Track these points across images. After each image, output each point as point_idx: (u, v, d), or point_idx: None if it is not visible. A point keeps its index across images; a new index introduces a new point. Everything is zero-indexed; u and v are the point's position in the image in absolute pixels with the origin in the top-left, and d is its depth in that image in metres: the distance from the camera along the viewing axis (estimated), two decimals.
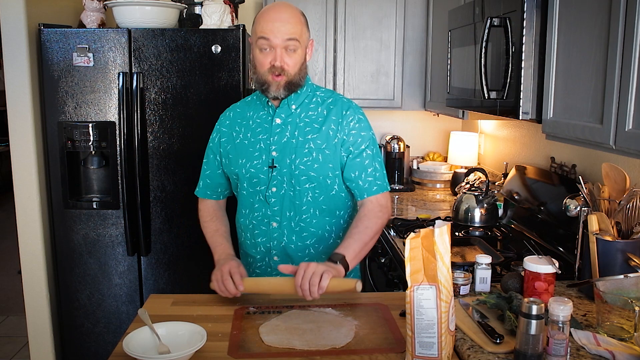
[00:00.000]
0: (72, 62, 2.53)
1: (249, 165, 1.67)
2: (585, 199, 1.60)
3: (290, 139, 1.65)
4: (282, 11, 1.57)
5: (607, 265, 1.46)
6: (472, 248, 2.04)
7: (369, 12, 3.06)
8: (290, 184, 1.64)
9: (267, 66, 1.57)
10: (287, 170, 1.64)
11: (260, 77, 1.60)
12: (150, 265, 2.69)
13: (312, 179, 1.64)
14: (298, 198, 1.65)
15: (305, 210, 1.67)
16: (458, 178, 2.99)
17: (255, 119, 1.70)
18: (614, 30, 1.27)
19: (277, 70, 1.56)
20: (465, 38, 2.14)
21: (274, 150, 1.65)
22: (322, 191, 1.67)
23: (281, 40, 1.54)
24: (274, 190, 1.65)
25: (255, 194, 1.68)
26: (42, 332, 2.74)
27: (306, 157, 1.63)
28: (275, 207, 1.66)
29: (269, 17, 1.56)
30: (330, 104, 1.68)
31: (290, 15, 1.57)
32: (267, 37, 1.55)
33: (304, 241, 1.69)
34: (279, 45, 1.55)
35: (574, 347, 1.24)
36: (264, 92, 1.62)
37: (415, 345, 1.16)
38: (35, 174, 2.62)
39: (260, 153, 1.66)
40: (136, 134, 2.55)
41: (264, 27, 1.55)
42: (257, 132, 1.68)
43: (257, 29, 1.58)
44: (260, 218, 1.69)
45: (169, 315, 1.45)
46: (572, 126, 1.47)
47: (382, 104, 3.15)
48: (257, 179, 1.66)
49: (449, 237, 1.16)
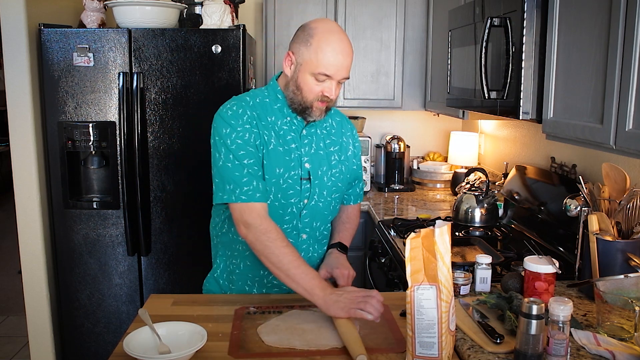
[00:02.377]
0: (72, 62, 2.53)
1: (287, 176, 1.57)
2: (586, 199, 1.60)
3: (318, 151, 1.63)
4: (347, 45, 1.51)
5: (607, 265, 1.46)
6: (473, 248, 2.04)
7: (369, 12, 3.06)
8: (322, 195, 1.62)
9: (318, 95, 1.52)
10: (319, 182, 1.61)
11: (306, 102, 1.54)
12: (150, 265, 2.69)
13: (338, 189, 1.67)
14: (326, 208, 1.65)
15: (328, 220, 1.70)
16: (458, 178, 2.99)
17: (282, 126, 1.59)
18: (614, 31, 1.27)
19: (326, 99, 1.54)
20: (466, 38, 2.14)
21: (307, 162, 1.60)
22: (339, 200, 1.72)
23: (341, 77, 1.52)
24: (306, 202, 1.61)
25: (288, 206, 1.59)
26: (42, 332, 2.74)
27: (334, 169, 1.65)
28: (307, 219, 1.62)
29: (335, 50, 1.48)
30: (335, 115, 1.74)
31: (350, 49, 1.53)
32: (330, 75, 1.49)
33: (322, 248, 1.71)
34: (338, 79, 1.52)
35: (574, 347, 1.24)
36: (302, 114, 1.56)
37: (416, 345, 1.16)
38: (35, 174, 2.62)
39: (295, 164, 1.59)
40: (136, 134, 2.55)
41: (330, 60, 1.47)
42: (287, 141, 1.59)
43: (321, 59, 1.47)
44: (289, 230, 1.61)
45: (169, 315, 1.45)
46: (572, 126, 1.47)
47: (382, 104, 3.15)
48: (293, 190, 1.59)
49: (449, 237, 1.16)
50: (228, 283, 1.69)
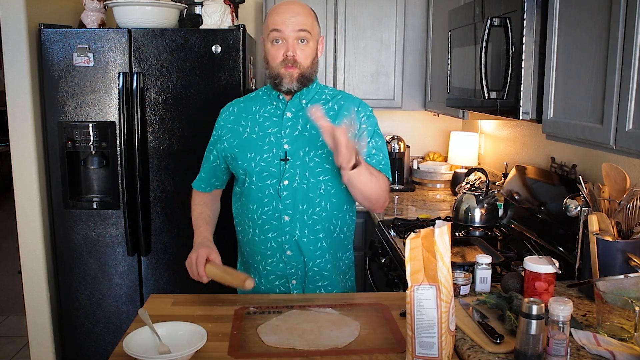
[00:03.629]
0: (72, 62, 2.53)
1: (259, 159, 1.65)
2: (586, 199, 1.60)
3: (303, 132, 1.65)
4: (293, 4, 1.63)
5: (607, 265, 1.46)
6: (472, 248, 2.04)
7: (369, 12, 3.06)
8: (304, 176, 1.63)
9: (280, 58, 1.60)
10: (300, 162, 1.63)
11: (273, 70, 1.62)
12: (150, 265, 2.69)
13: (326, 171, 1.64)
14: (312, 190, 1.65)
15: (318, 203, 1.66)
16: (458, 178, 2.99)
17: (263, 113, 1.69)
18: (614, 31, 1.27)
19: (289, 61, 1.59)
20: (466, 38, 2.14)
21: (286, 143, 1.64)
22: (334, 184, 1.67)
23: (292, 30, 1.58)
24: (286, 184, 1.63)
25: (265, 188, 1.65)
26: (42, 332, 2.74)
27: (320, 150, 1.63)
28: (288, 201, 1.64)
29: (280, 10, 1.61)
30: (341, 99, 1.72)
31: (301, 8, 1.63)
32: (279, 29, 1.58)
33: (316, 234, 1.68)
34: (291, 36, 1.58)
35: (574, 347, 1.24)
36: (277, 86, 1.64)
37: (416, 345, 1.16)
38: (35, 174, 2.62)
39: (270, 146, 1.65)
40: (136, 134, 2.55)
41: (275, 19, 1.59)
42: (265, 126, 1.67)
43: (269, 22, 1.61)
44: (270, 213, 1.66)
45: (169, 315, 1.45)
46: (572, 126, 1.47)
47: (382, 104, 3.15)
48: (268, 172, 1.64)
49: (449, 237, 1.16)
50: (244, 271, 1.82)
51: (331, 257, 1.71)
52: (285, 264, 1.69)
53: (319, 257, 1.68)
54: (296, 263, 1.68)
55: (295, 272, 1.69)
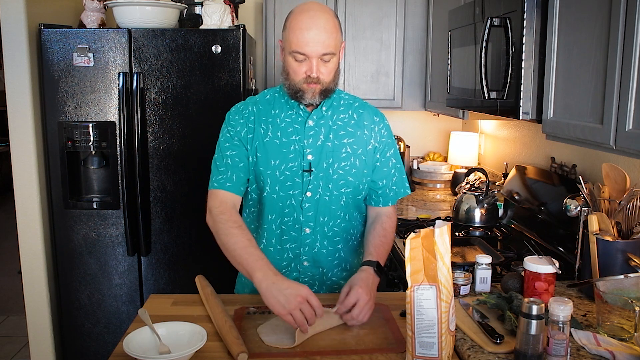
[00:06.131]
0: (72, 62, 2.53)
1: (284, 168, 1.57)
2: (586, 199, 1.60)
3: (326, 142, 1.58)
4: (317, 18, 1.46)
5: (607, 265, 1.46)
6: (472, 248, 2.04)
7: (369, 12, 3.06)
8: (327, 188, 1.58)
9: (302, 76, 1.50)
10: (324, 174, 1.57)
11: (294, 85, 1.52)
12: (150, 265, 2.69)
13: (349, 183, 1.60)
14: (334, 203, 1.60)
15: (338, 215, 1.63)
16: (458, 178, 2.99)
17: (284, 119, 1.60)
18: (614, 31, 1.27)
19: (312, 80, 1.50)
20: (466, 38, 2.14)
21: (309, 153, 1.57)
22: (354, 196, 1.63)
23: (317, 54, 1.47)
24: (308, 195, 1.58)
25: (287, 198, 1.58)
26: (42, 332, 2.74)
27: (344, 162, 1.59)
28: (310, 213, 1.59)
29: (304, 26, 1.45)
30: (359, 107, 1.66)
31: (325, 23, 1.47)
32: (303, 52, 1.46)
33: (334, 245, 1.65)
34: (315, 57, 1.47)
35: (574, 347, 1.24)
36: (298, 99, 1.55)
37: (416, 345, 1.16)
38: (35, 174, 2.62)
39: (295, 155, 1.57)
40: (136, 134, 2.55)
41: (299, 39, 1.45)
42: (288, 133, 1.58)
43: (292, 40, 1.47)
44: (290, 224, 1.60)
45: (169, 315, 1.45)
46: (572, 126, 1.47)
47: (382, 104, 3.15)
48: (292, 182, 1.57)
49: (449, 237, 1.16)
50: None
51: (348, 265, 1.69)
52: (299, 273, 1.64)
53: (336, 266, 1.67)
54: (311, 273, 1.65)
55: (308, 280, 1.65)
